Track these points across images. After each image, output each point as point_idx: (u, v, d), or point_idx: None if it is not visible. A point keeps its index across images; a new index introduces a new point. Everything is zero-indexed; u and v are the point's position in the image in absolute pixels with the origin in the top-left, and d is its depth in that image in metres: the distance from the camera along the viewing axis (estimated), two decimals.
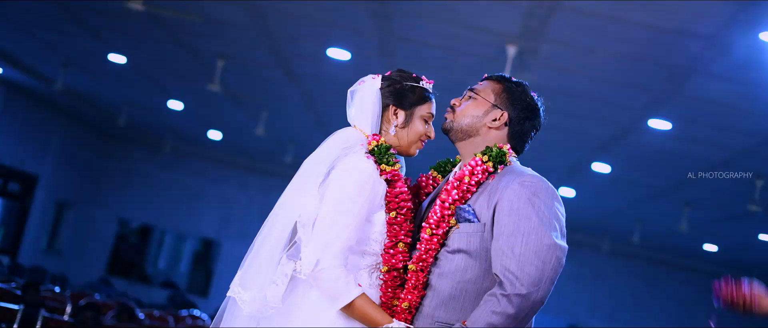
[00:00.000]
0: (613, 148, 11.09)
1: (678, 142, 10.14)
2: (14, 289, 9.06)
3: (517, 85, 3.29)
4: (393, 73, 3.33)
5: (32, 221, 16.80)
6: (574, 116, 10.07)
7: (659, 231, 16.07)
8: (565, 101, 9.47)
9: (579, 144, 11.30)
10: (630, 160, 11.53)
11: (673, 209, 13.58)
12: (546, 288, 2.92)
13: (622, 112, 9.50)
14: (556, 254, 2.95)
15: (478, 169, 3.12)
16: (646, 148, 10.63)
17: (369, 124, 3.27)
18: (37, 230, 17.08)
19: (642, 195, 13.43)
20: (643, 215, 15.10)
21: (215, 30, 9.30)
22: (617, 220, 16.21)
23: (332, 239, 3.04)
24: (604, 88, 8.86)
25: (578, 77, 8.71)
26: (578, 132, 10.76)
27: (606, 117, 9.88)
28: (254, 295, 3.11)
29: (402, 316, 3.08)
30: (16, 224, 16.57)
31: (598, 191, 14.04)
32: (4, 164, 15.52)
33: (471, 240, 3.06)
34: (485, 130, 3.24)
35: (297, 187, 3.19)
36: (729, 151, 10.01)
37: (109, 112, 15.70)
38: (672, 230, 14.34)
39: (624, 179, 12.71)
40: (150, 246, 19.85)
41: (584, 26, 7.40)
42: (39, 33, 11.03)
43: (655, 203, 13.77)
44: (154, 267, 20.01)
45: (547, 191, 3.06)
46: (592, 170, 12.48)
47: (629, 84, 8.61)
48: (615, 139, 10.65)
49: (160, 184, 19.10)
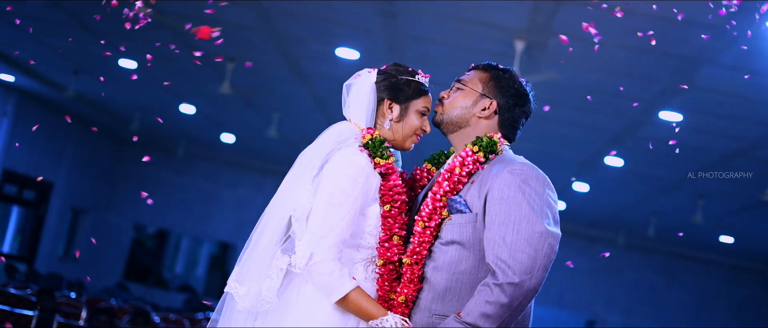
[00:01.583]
0: (625, 142, 11.06)
1: (690, 133, 10.10)
2: (29, 295, 9.09)
3: (504, 72, 3.28)
4: (388, 67, 3.33)
5: (48, 228, 16.87)
6: (585, 110, 10.04)
7: (674, 224, 16.01)
8: (574, 95, 9.45)
9: (590, 138, 11.27)
10: (642, 153, 11.49)
11: (687, 202, 13.53)
12: (539, 276, 2.91)
13: (632, 104, 9.47)
14: (549, 241, 2.94)
15: (469, 159, 3.12)
16: (657, 141, 10.59)
17: (364, 117, 3.27)
18: (53, 237, 17.15)
19: (655, 188, 13.39)
20: (657, 208, 15.05)
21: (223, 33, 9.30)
22: (632, 214, 16.16)
23: (326, 233, 3.04)
24: (613, 81, 8.83)
25: (587, 71, 8.68)
26: (589, 126, 10.73)
27: (616, 110, 9.85)
28: (250, 290, 3.11)
29: (399, 310, 3.07)
30: (33, 231, 16.65)
31: (611, 185, 14.00)
32: (19, 172, 15.59)
33: (463, 231, 3.05)
34: (475, 121, 3.24)
35: (292, 181, 3.20)
36: (741, 141, 9.96)
37: (122, 118, 15.74)
38: (687, 222, 14.29)
39: (637, 172, 12.67)
40: (166, 251, 19.90)
41: (591, 19, 7.38)
42: (49, 40, 11.07)
43: (668, 196, 13.72)
44: (170, 271, 20.06)
45: (537, 178, 3.04)
46: (605, 164, 12.44)
47: (639, 76, 8.58)
48: (626, 133, 10.61)
49: (174, 188, 19.14)
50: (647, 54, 7.96)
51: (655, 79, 8.56)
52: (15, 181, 15.72)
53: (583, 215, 17.42)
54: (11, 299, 8.40)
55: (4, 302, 8.32)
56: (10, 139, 14.95)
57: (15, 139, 15.09)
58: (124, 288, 16.64)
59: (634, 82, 8.80)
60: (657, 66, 8.23)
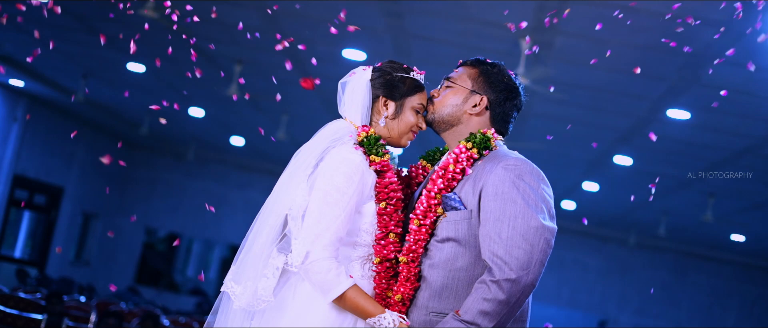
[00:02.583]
0: (634, 140, 11.02)
1: (698, 131, 10.06)
2: (39, 299, 9.12)
3: (493, 67, 3.26)
4: (383, 64, 3.32)
5: (59, 233, 16.91)
6: (592, 109, 10.02)
7: (685, 223, 15.95)
8: (582, 94, 9.43)
9: (599, 137, 11.24)
10: (651, 151, 11.45)
11: (698, 200, 13.48)
12: (536, 271, 2.89)
13: (640, 102, 9.44)
14: (545, 235, 2.92)
15: (463, 156, 3.10)
16: (666, 139, 10.55)
17: (359, 115, 3.26)
18: (64, 241, 17.19)
19: (665, 186, 13.34)
20: (667, 207, 15.00)
21: (230, 35, 9.33)
22: (642, 213, 16.11)
23: (322, 231, 3.02)
24: (620, 79, 8.81)
25: (594, 69, 8.66)
26: (597, 125, 10.70)
27: (624, 108, 9.82)
28: (246, 289, 3.10)
29: (396, 308, 3.06)
30: (43, 236, 16.69)
31: (621, 184, 13.96)
32: (30, 177, 15.63)
33: (459, 228, 3.03)
34: (467, 117, 3.22)
35: (287, 179, 3.19)
36: (749, 138, 9.92)
37: (132, 122, 15.77)
38: (698, 220, 14.24)
39: (646, 170, 12.63)
40: (178, 254, 19.92)
41: (597, 17, 7.36)
42: (57, 44, 11.09)
43: (679, 194, 13.68)
44: (182, 275, 20.08)
45: (532, 173, 3.02)
46: (614, 162, 12.41)
47: (646, 74, 8.56)
48: (635, 131, 10.58)
49: (185, 192, 19.16)
50: (654, 51, 7.94)
51: (663, 77, 8.53)
52: (26, 186, 15.76)
53: (594, 215, 17.38)
54: (21, 303, 8.44)
55: (13, 306, 8.36)
56: (20, 144, 15.00)
57: (25, 144, 15.14)
58: (136, 292, 16.67)
59: (641, 80, 8.77)
60: (664, 64, 8.20)
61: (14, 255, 16.35)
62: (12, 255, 16.27)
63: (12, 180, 15.09)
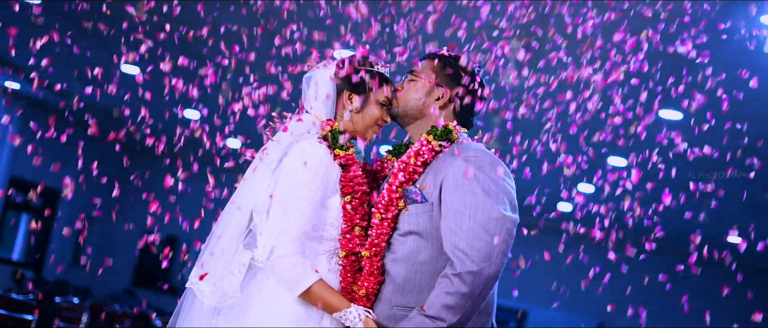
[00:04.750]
0: (627, 142, 11.00)
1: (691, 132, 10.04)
2: (30, 300, 9.11)
3: (456, 60, 3.25)
4: (348, 58, 3.30)
5: (56, 236, 16.88)
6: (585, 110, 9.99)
7: (682, 225, 15.90)
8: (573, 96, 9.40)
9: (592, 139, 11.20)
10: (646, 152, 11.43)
11: (694, 201, 13.44)
12: (498, 262, 2.85)
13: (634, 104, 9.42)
14: (506, 226, 2.88)
15: (424, 149, 3.08)
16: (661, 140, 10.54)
17: (324, 109, 3.23)
18: (61, 244, 17.17)
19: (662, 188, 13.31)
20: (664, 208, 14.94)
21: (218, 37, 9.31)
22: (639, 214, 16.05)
23: (287, 226, 2.98)
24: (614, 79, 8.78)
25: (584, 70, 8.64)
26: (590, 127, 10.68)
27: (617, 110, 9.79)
28: (216, 288, 3.07)
29: (361, 302, 3.02)
30: (40, 239, 16.67)
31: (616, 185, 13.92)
32: (26, 180, 15.62)
33: (420, 221, 3.00)
34: (430, 110, 3.19)
35: (252, 175, 3.17)
36: (747, 139, 9.90)
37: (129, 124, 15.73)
38: (694, 222, 14.20)
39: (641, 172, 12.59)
40: (176, 257, 19.88)
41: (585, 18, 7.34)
42: (53, 47, 11.08)
43: (675, 196, 13.63)
44: (180, 277, 20.03)
45: (492, 164, 2.99)
46: (609, 164, 12.38)
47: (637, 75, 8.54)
48: (628, 133, 10.56)
49: (182, 194, 19.10)
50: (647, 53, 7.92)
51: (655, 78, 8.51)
52: (22, 188, 15.74)
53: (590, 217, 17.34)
54: (12, 303, 8.42)
55: (4, 306, 8.34)
56: (17, 147, 14.99)
57: (22, 146, 15.13)
58: (132, 294, 16.64)
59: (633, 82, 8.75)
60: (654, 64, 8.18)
61: (12, 258, 16.33)
62: (9, 258, 16.25)
63: (8, 182, 15.07)
